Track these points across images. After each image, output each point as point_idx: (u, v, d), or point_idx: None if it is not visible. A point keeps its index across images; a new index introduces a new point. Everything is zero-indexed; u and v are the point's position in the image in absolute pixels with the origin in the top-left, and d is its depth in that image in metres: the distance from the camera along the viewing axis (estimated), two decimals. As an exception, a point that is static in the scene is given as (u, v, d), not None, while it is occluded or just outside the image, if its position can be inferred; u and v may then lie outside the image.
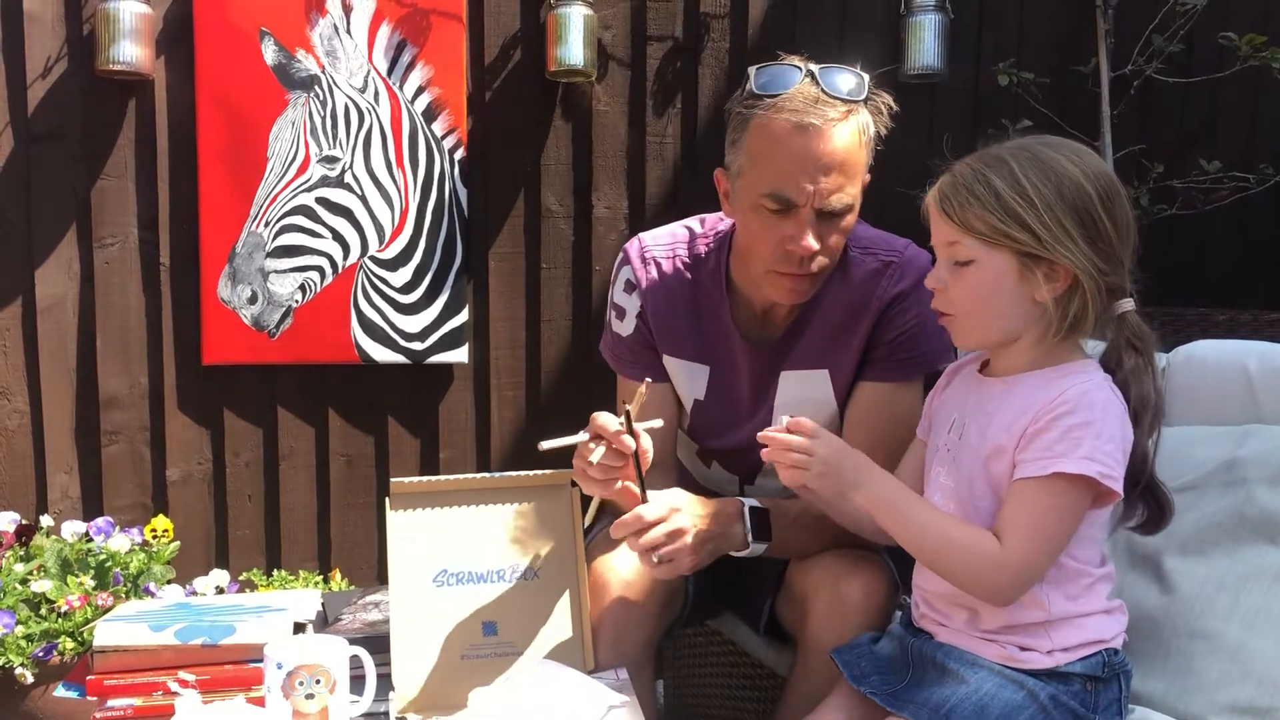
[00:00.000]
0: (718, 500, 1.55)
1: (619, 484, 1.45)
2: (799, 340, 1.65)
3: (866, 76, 1.53)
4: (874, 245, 1.64)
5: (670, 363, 1.72)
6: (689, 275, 1.70)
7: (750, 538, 1.52)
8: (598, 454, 1.41)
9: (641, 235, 1.76)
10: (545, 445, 1.42)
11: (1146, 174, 2.66)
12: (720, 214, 1.70)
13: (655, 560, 1.44)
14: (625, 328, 1.73)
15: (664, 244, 1.73)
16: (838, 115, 1.47)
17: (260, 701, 1.34)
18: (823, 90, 1.48)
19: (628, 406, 1.42)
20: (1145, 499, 1.35)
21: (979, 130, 2.67)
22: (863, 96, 1.51)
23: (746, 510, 1.53)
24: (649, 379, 1.49)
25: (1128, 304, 1.30)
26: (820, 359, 1.65)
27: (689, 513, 1.47)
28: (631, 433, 1.41)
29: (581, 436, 1.43)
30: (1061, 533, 1.26)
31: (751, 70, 1.53)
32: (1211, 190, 2.64)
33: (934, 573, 1.34)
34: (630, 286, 1.72)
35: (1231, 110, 2.82)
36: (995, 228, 1.25)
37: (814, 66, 1.50)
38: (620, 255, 1.75)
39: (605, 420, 1.42)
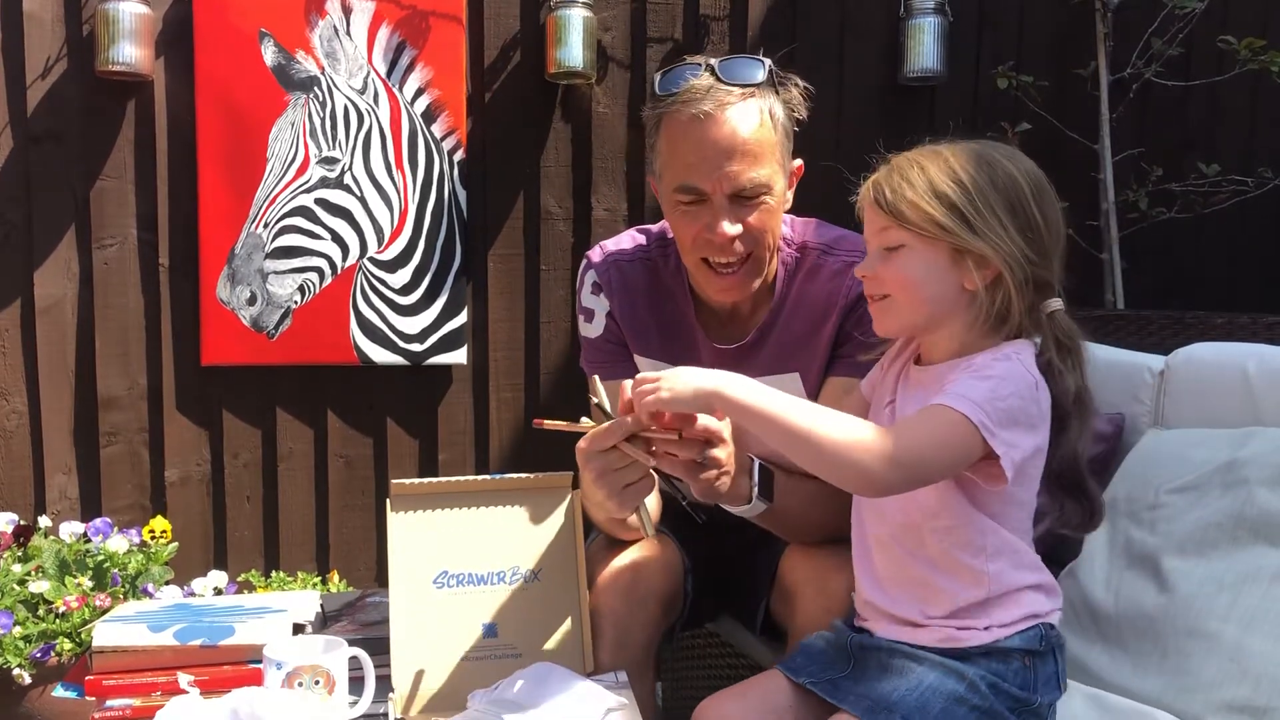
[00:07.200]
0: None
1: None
2: (765, 345, 1.65)
3: (769, 62, 1.54)
4: (836, 246, 1.64)
5: (641, 363, 1.72)
6: (653, 277, 1.70)
7: (756, 493, 1.46)
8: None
9: (603, 242, 1.77)
10: (546, 424, 1.35)
11: (1145, 177, 2.67)
12: None
13: (671, 476, 1.35)
14: (595, 329, 1.73)
15: (627, 248, 1.74)
16: (733, 99, 1.49)
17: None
18: (718, 79, 1.50)
19: (596, 400, 1.39)
20: (1076, 498, 1.34)
21: (978, 133, 2.69)
22: (760, 80, 1.52)
23: (756, 467, 1.47)
24: (597, 375, 1.43)
25: (1056, 303, 1.31)
26: (790, 362, 1.64)
27: (729, 450, 1.38)
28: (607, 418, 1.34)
29: (587, 423, 1.35)
30: (940, 458, 1.21)
31: (656, 75, 1.56)
32: (1210, 194, 2.65)
33: (813, 469, 1.24)
34: (597, 288, 1.72)
35: (1230, 114, 2.83)
36: (926, 215, 1.26)
37: (714, 60, 1.52)
38: (584, 261, 1.75)
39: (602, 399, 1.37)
